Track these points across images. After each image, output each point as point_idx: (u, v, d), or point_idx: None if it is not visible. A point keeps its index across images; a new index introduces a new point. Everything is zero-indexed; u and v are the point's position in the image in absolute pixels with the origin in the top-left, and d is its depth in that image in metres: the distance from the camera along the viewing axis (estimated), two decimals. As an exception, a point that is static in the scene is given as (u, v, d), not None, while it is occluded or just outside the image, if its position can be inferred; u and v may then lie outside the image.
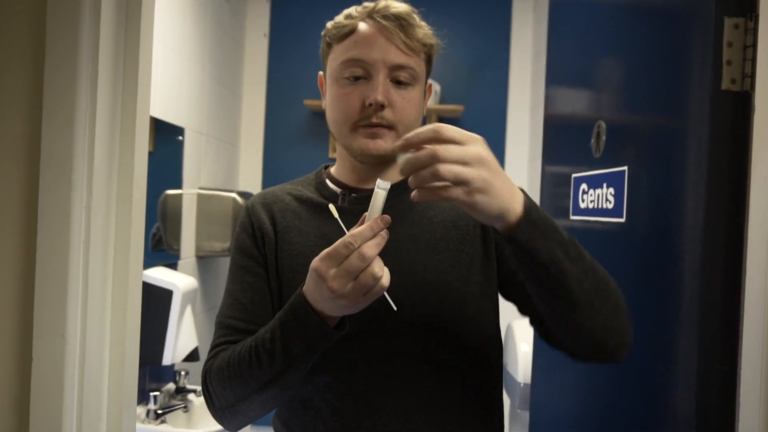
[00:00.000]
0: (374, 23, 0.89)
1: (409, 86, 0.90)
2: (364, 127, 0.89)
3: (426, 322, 0.88)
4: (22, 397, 0.72)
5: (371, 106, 0.87)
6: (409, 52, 0.89)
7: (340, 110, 0.90)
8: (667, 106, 1.08)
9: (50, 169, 0.72)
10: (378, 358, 0.87)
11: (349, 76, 0.89)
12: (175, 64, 2.15)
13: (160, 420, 1.81)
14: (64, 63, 0.72)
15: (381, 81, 0.87)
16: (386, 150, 0.89)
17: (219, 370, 0.85)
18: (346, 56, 0.89)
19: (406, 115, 0.90)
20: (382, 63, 0.87)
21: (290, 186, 1.01)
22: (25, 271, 0.71)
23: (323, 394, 0.88)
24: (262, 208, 0.97)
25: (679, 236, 1.00)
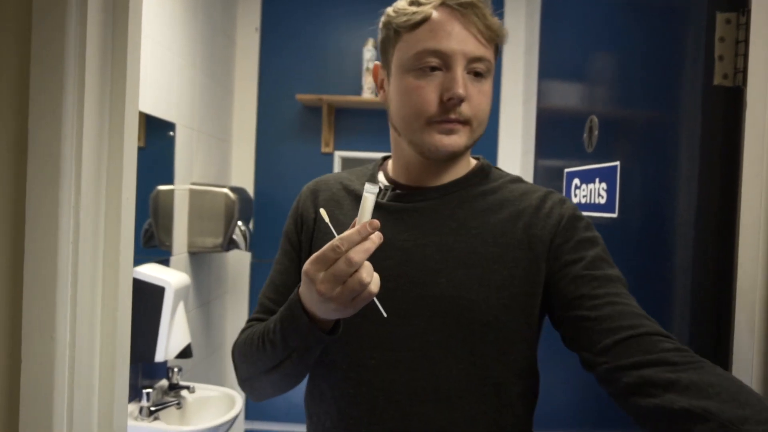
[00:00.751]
0: (450, 11, 0.83)
1: (484, 79, 0.85)
2: (440, 123, 0.83)
3: (440, 339, 0.83)
4: (12, 398, 0.71)
5: (450, 101, 0.82)
6: (486, 43, 0.84)
7: (412, 104, 0.84)
8: (659, 102, 1.08)
9: (37, 169, 0.71)
10: (388, 370, 0.84)
11: (424, 66, 0.83)
12: (165, 59, 2.13)
13: (153, 417, 1.81)
14: (50, 60, 0.71)
15: (460, 73, 0.82)
16: (460, 146, 0.85)
17: (240, 346, 0.90)
18: (422, 46, 0.83)
19: (482, 109, 0.85)
20: (461, 54, 0.82)
21: (347, 174, 1.00)
22: (13, 272, 0.70)
23: (334, 391, 0.88)
24: (309, 195, 0.97)
25: (671, 232, 1.01)
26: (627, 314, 0.76)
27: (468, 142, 0.85)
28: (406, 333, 0.84)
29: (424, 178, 0.91)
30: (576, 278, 0.81)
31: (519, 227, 0.86)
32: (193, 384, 2.04)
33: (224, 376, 3.05)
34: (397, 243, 0.86)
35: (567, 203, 0.89)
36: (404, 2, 0.88)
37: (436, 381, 0.83)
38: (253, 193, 3.06)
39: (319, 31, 3.02)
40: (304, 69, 3.03)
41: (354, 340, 0.86)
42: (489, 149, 2.99)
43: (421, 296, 0.84)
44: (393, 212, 0.89)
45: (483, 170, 0.94)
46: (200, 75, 2.52)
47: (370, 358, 0.85)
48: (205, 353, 2.70)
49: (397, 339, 0.84)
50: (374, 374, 0.84)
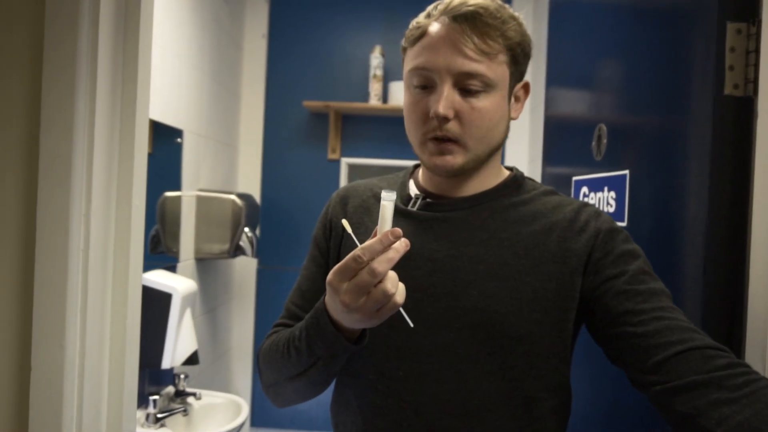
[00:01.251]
0: (447, 25, 0.81)
1: (480, 94, 0.81)
2: (433, 141, 0.83)
3: (469, 352, 0.82)
4: (21, 406, 0.71)
5: (434, 119, 0.81)
6: (479, 58, 0.80)
7: (410, 121, 0.86)
8: (669, 111, 1.08)
9: (49, 176, 0.71)
10: (416, 382, 0.83)
11: (417, 84, 0.83)
12: (173, 65, 2.14)
13: (159, 424, 1.81)
14: (62, 67, 0.71)
15: (444, 91, 0.80)
16: (455, 165, 0.83)
17: (265, 352, 0.90)
18: (414, 63, 0.83)
19: (476, 126, 0.82)
20: (446, 71, 0.80)
21: (377, 180, 0.99)
22: (24, 279, 0.70)
23: (360, 401, 0.87)
24: (339, 202, 0.97)
25: (681, 241, 1.00)
26: (675, 329, 0.73)
27: (465, 160, 0.84)
28: (434, 344, 0.82)
29: (450, 188, 0.90)
30: (619, 293, 0.78)
31: (552, 240, 0.84)
32: (199, 391, 2.04)
33: (229, 382, 3.04)
34: (426, 253, 0.85)
35: (602, 216, 0.86)
36: (422, 15, 0.87)
37: (464, 394, 0.81)
38: (260, 199, 3.07)
39: (326, 37, 3.03)
40: (311, 75, 3.04)
41: (381, 350, 0.85)
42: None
43: (451, 307, 0.82)
44: (423, 221, 0.88)
45: (516, 181, 0.92)
46: (208, 81, 2.53)
47: (398, 369, 0.83)
48: (211, 359, 2.70)
49: (425, 351, 0.82)
50: (401, 385, 0.83)
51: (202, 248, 2.40)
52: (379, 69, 2.92)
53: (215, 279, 2.72)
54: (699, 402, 0.67)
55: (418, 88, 0.84)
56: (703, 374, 0.68)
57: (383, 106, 2.87)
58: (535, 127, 2.83)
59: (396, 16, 3.01)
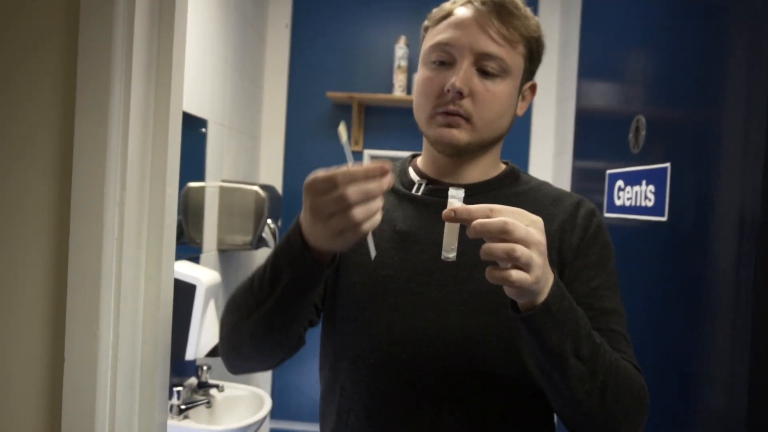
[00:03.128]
0: (473, 9, 0.84)
1: (497, 78, 0.84)
2: (442, 115, 0.85)
3: (475, 335, 0.82)
4: (54, 397, 0.69)
5: (449, 92, 0.83)
6: (501, 42, 0.83)
7: (420, 95, 0.87)
8: (716, 102, 1.04)
9: (83, 166, 0.69)
10: (422, 366, 0.83)
11: (435, 60, 0.86)
12: (198, 55, 2.13)
13: (183, 415, 1.80)
14: (97, 57, 0.70)
15: (464, 67, 0.83)
16: (460, 141, 0.85)
17: (229, 297, 0.86)
18: (436, 40, 0.86)
19: (488, 108, 0.84)
20: (468, 49, 0.83)
21: None
22: (58, 270, 0.69)
23: (359, 387, 0.86)
24: None
25: (730, 236, 0.96)
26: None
27: (470, 139, 0.85)
28: (440, 328, 0.83)
29: (451, 174, 0.91)
30: (576, 301, 0.81)
31: (554, 229, 0.86)
32: (222, 383, 2.03)
33: (250, 375, 3.04)
34: (432, 237, 0.86)
35: (596, 216, 0.89)
36: (449, 2, 0.90)
37: (472, 377, 0.82)
38: (282, 190, 3.05)
39: (350, 27, 3.00)
40: (334, 66, 3.01)
41: (384, 334, 0.84)
42: (521, 150, 2.95)
43: (458, 291, 0.83)
44: (428, 206, 0.89)
45: (514, 173, 0.95)
46: (231, 71, 2.51)
47: (402, 353, 0.83)
48: (232, 351, 2.69)
49: (431, 334, 0.83)
50: (407, 369, 0.83)
51: (224, 239, 2.40)
52: (404, 60, 2.88)
53: (237, 270, 2.72)
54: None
55: (435, 63, 0.86)
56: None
57: (407, 97, 2.84)
58: (561, 120, 2.78)
59: (421, 6, 2.97)
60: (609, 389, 0.72)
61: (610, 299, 0.84)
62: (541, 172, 2.89)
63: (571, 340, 0.69)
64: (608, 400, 0.72)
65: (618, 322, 0.82)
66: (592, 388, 0.71)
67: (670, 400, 1.12)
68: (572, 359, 0.69)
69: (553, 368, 0.71)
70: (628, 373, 0.76)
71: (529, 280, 0.64)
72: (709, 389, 1.02)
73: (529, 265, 0.63)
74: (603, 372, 0.72)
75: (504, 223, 0.63)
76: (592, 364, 0.71)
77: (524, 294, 0.67)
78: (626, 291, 1.04)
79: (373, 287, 0.86)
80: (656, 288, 1.22)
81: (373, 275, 0.87)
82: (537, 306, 0.68)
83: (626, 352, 0.80)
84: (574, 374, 0.70)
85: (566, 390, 0.72)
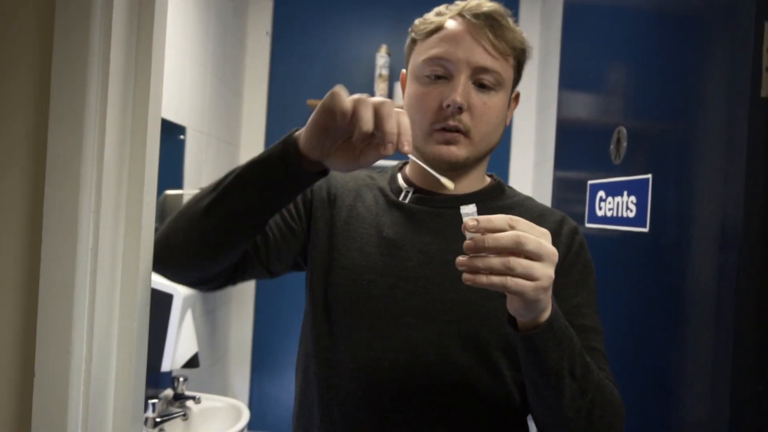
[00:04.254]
0: (463, 21, 0.84)
1: (492, 91, 0.85)
2: (440, 131, 0.84)
3: (457, 344, 0.82)
4: (24, 414, 0.67)
5: (449, 108, 0.82)
6: (496, 55, 0.84)
7: (416, 111, 0.86)
8: (698, 113, 1.04)
9: (57, 172, 0.67)
10: (403, 373, 0.83)
11: (430, 74, 0.85)
12: (177, 61, 2.10)
13: (158, 428, 1.76)
14: (72, 59, 0.67)
15: (462, 82, 0.83)
16: (458, 158, 0.85)
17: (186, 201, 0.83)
18: (430, 54, 0.85)
19: (485, 121, 0.85)
20: (465, 63, 0.83)
21: (368, 172, 1.00)
22: (29, 280, 0.66)
23: (338, 391, 0.85)
24: (334, 180, 0.96)
25: (711, 247, 0.96)
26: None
27: (468, 154, 0.85)
28: (423, 336, 0.82)
29: (438, 185, 0.90)
30: None
31: None
32: (198, 394, 1.99)
33: (227, 386, 3.00)
34: (418, 245, 0.86)
35: (578, 234, 0.90)
36: (432, 14, 0.89)
37: (452, 386, 0.82)
38: (261, 199, 3.02)
39: (331, 35, 2.98)
40: (315, 74, 3.00)
41: (365, 340, 0.83)
42: (501, 159, 2.95)
43: (442, 300, 0.83)
44: (415, 214, 0.89)
45: (500, 186, 0.96)
46: (211, 78, 2.49)
47: (384, 360, 0.82)
48: (210, 362, 2.65)
49: (414, 341, 0.82)
50: (388, 377, 0.82)
51: (202, 248, 2.36)
52: (385, 68, 2.88)
53: (215, 279, 2.67)
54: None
55: (429, 77, 0.84)
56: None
57: (388, 106, 2.83)
58: (541, 130, 2.80)
59: (403, 15, 2.98)
60: (596, 406, 0.72)
61: (590, 317, 0.84)
62: (522, 181, 2.90)
63: (568, 358, 0.69)
64: (594, 417, 0.72)
65: (597, 340, 0.83)
66: (582, 405, 0.71)
67: (651, 410, 1.12)
68: (568, 378, 0.69)
69: (549, 387, 0.70)
70: (611, 390, 0.77)
71: (533, 286, 0.63)
72: (691, 400, 1.02)
73: (533, 276, 0.62)
74: (592, 390, 0.72)
75: (517, 236, 0.62)
76: (583, 382, 0.71)
77: (530, 308, 0.66)
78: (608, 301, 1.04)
79: (357, 291, 0.86)
80: (638, 298, 1.22)
81: (357, 279, 0.86)
82: (540, 324, 0.67)
83: (605, 370, 0.81)
84: (568, 393, 0.70)
85: (557, 408, 0.71)
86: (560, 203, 1.72)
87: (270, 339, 3.01)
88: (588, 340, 0.81)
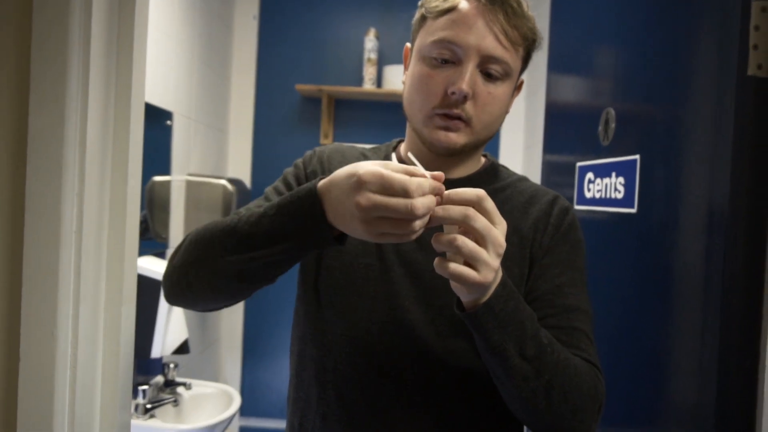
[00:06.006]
0: (478, 5, 0.80)
1: (498, 81, 0.82)
2: (441, 117, 0.82)
3: (457, 327, 0.82)
4: (9, 399, 0.66)
5: (453, 95, 0.80)
6: (506, 45, 0.80)
7: (419, 92, 0.83)
8: (685, 93, 1.04)
9: (38, 154, 0.66)
10: (400, 357, 0.83)
11: (437, 56, 0.81)
12: (162, 45, 2.07)
13: (149, 414, 1.76)
14: (53, 40, 0.66)
15: (470, 69, 0.80)
16: (457, 145, 0.83)
17: (204, 228, 0.79)
18: (440, 35, 0.81)
19: (488, 111, 0.82)
20: (475, 50, 0.80)
21: (360, 149, 0.98)
22: (12, 265, 0.65)
23: (334, 374, 0.85)
24: (327, 159, 0.94)
25: (699, 227, 0.97)
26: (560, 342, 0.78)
27: (467, 141, 0.84)
28: (416, 318, 0.83)
29: (434, 169, 0.89)
30: (539, 298, 0.83)
31: (528, 227, 0.87)
32: (189, 380, 1.99)
33: (219, 372, 3.00)
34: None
35: (569, 214, 0.89)
36: None
37: (447, 368, 0.82)
38: (250, 184, 3.01)
39: (319, 19, 2.96)
40: (303, 58, 2.97)
41: (361, 322, 0.84)
42: (491, 143, 2.95)
43: (434, 284, 0.83)
44: None
45: (494, 167, 0.95)
46: (197, 63, 2.46)
47: (379, 343, 0.83)
48: (200, 349, 2.65)
49: (408, 325, 0.83)
50: (383, 360, 0.83)
51: (191, 234, 2.34)
52: (374, 52, 2.86)
53: (204, 266, 2.66)
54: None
55: (436, 60, 0.82)
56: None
57: (377, 90, 2.82)
58: (531, 114, 2.80)
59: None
60: (555, 388, 0.72)
61: (575, 297, 0.83)
62: (512, 164, 2.90)
63: (514, 340, 0.70)
64: (555, 399, 0.72)
65: (581, 320, 0.82)
66: (537, 386, 0.71)
67: (640, 387, 1.13)
68: (516, 359, 0.70)
69: (497, 365, 0.71)
70: (578, 372, 0.75)
71: (475, 277, 0.63)
72: (680, 376, 1.03)
73: (478, 261, 0.63)
74: (549, 371, 0.72)
75: (466, 210, 0.62)
76: (537, 363, 0.71)
77: (470, 292, 0.66)
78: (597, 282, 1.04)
79: (353, 275, 0.85)
80: (626, 278, 1.22)
81: (353, 262, 0.86)
82: (479, 305, 0.68)
83: (586, 350, 0.80)
84: (517, 373, 0.70)
85: (511, 387, 0.72)
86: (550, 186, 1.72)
87: (261, 325, 3.01)
88: (570, 320, 0.81)
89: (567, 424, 0.74)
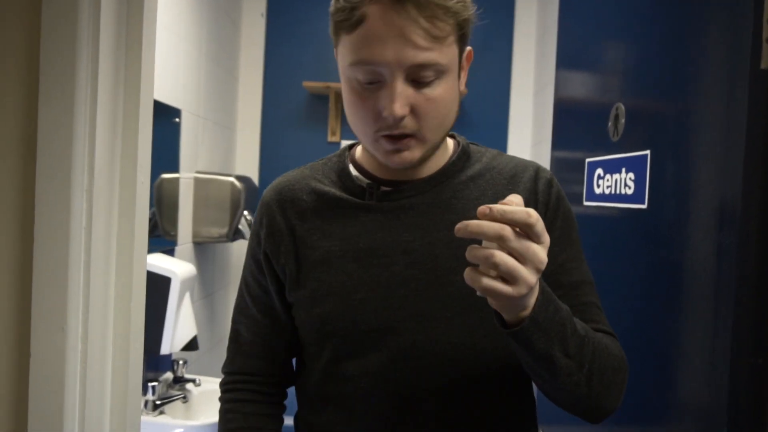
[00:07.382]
0: (384, 8, 0.70)
1: (434, 82, 0.73)
2: (387, 139, 0.75)
3: (465, 340, 0.80)
4: (20, 394, 0.66)
5: (386, 120, 0.73)
6: (431, 44, 0.71)
7: (356, 117, 0.77)
8: (697, 87, 1.03)
9: (47, 150, 0.66)
10: (417, 378, 0.81)
11: (362, 80, 0.74)
12: (171, 43, 2.08)
13: (158, 411, 1.77)
14: (63, 37, 0.66)
15: (398, 88, 0.72)
16: (414, 160, 0.77)
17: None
18: (355, 57, 0.73)
19: (432, 117, 0.75)
20: (396, 65, 0.71)
21: (310, 172, 0.91)
22: (22, 260, 0.66)
23: (350, 400, 0.84)
24: (278, 208, 0.89)
25: (710, 224, 0.96)
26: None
27: (423, 153, 0.78)
28: (427, 338, 0.79)
29: (402, 172, 0.83)
30: (545, 279, 0.79)
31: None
32: (198, 377, 2.00)
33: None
34: (401, 245, 0.81)
35: (554, 185, 0.86)
36: None
37: (464, 384, 0.80)
38: (258, 182, 3.01)
39: (326, 16, 2.91)
40: (311, 56, 2.97)
41: (371, 360, 0.81)
42: (499, 140, 2.94)
43: (438, 298, 0.79)
44: (388, 213, 0.82)
45: (465, 152, 0.87)
46: (205, 61, 2.46)
47: (394, 372, 0.80)
48: (209, 346, 2.66)
49: (420, 347, 0.80)
50: (400, 387, 0.80)
51: (200, 232, 2.35)
52: (381, 50, 2.86)
53: (213, 263, 2.67)
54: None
55: (361, 84, 0.74)
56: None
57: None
58: (539, 110, 2.79)
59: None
60: (594, 374, 0.72)
61: (578, 271, 0.82)
62: (519, 162, 2.89)
63: (558, 343, 0.68)
64: (594, 384, 0.73)
65: (588, 292, 0.82)
66: (580, 378, 0.71)
67: (651, 384, 1.12)
68: (562, 360, 0.68)
69: (542, 369, 0.70)
70: (609, 351, 0.76)
71: (509, 292, 0.61)
72: (690, 378, 1.02)
73: (515, 279, 0.60)
74: (588, 361, 0.71)
75: (502, 231, 0.59)
76: (579, 357, 0.70)
77: (509, 308, 0.65)
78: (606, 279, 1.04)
79: (351, 315, 0.81)
80: (636, 275, 1.22)
81: (347, 302, 0.81)
82: (523, 320, 0.65)
83: (601, 321, 0.80)
84: (563, 371, 0.69)
85: (555, 383, 0.71)
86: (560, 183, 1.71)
87: (269, 322, 3.02)
88: (579, 296, 0.80)
89: (600, 402, 0.75)
